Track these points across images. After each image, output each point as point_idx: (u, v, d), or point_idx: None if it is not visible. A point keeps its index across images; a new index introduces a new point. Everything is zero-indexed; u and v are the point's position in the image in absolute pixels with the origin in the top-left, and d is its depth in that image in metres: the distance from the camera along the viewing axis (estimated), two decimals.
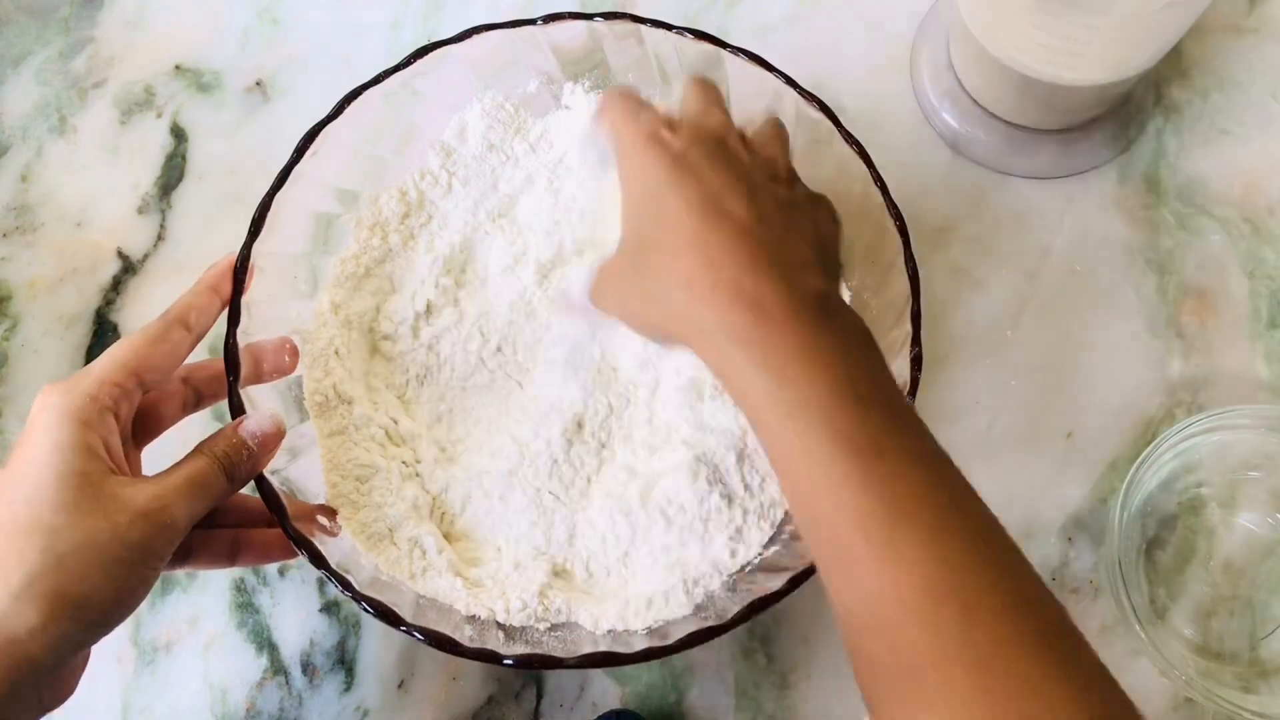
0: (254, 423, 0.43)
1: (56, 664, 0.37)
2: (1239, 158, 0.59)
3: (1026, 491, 0.54)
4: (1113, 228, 0.58)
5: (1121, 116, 0.59)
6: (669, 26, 0.49)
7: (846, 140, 0.48)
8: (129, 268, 0.60)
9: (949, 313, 0.56)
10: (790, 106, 0.50)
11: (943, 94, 0.60)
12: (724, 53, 0.49)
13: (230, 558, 0.44)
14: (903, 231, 0.47)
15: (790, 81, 0.49)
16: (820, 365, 0.34)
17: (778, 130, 0.43)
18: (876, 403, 0.34)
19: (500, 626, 0.46)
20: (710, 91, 0.42)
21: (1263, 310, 0.56)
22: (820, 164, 0.51)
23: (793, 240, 0.38)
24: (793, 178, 0.42)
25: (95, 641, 0.39)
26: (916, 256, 0.46)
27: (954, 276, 0.57)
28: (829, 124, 0.48)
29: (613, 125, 0.41)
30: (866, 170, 0.48)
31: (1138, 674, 0.51)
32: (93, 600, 0.37)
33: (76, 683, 0.41)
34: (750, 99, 0.51)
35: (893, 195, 0.47)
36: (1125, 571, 0.48)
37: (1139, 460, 0.50)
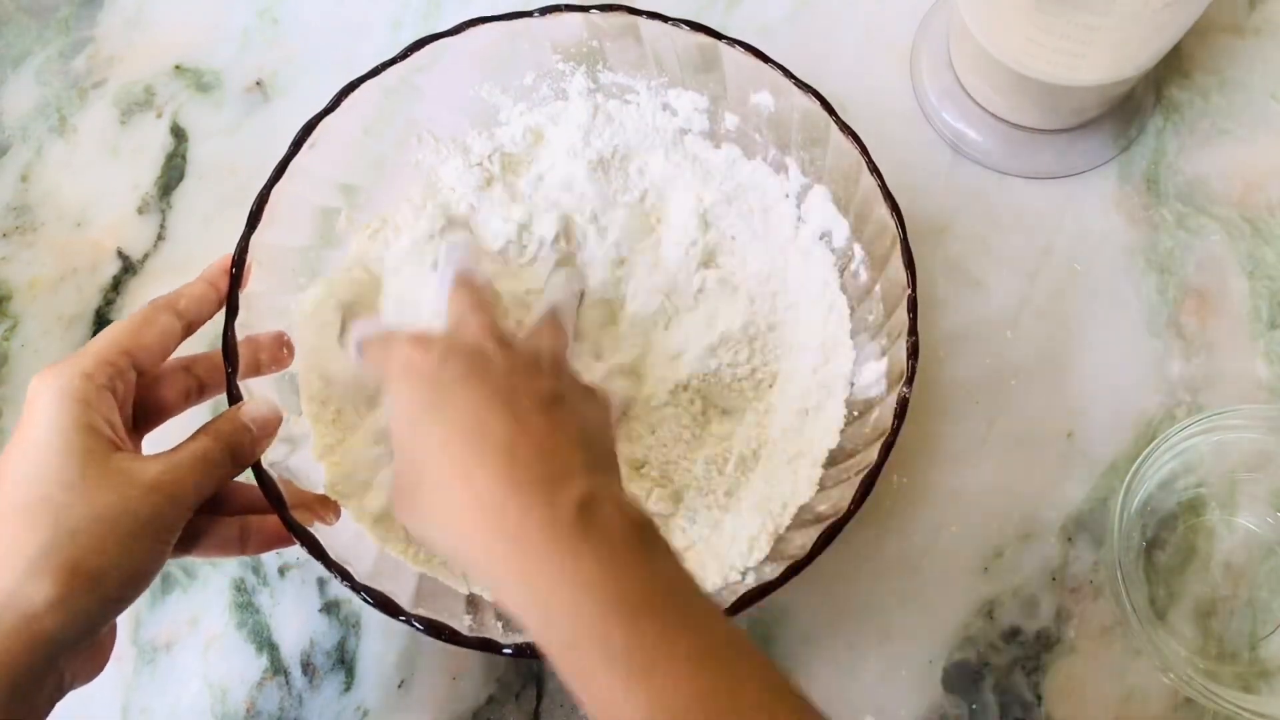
0: (252, 408, 0.43)
1: (74, 640, 0.37)
2: (1239, 158, 0.59)
3: (1026, 491, 0.54)
4: (1113, 228, 0.58)
5: (1121, 116, 0.59)
6: (665, 18, 0.49)
7: (841, 129, 0.48)
8: (129, 268, 0.60)
9: (949, 313, 0.56)
10: (787, 99, 0.50)
11: (943, 94, 0.60)
12: (721, 45, 0.49)
13: (239, 544, 0.44)
14: (899, 219, 0.47)
15: (786, 72, 0.49)
16: (583, 589, 0.34)
17: (551, 322, 0.43)
18: (648, 609, 0.34)
19: (500, 615, 0.46)
20: (471, 295, 0.42)
21: (1263, 310, 0.56)
22: (817, 155, 0.52)
23: (557, 442, 0.37)
24: (559, 369, 0.42)
25: (112, 618, 0.39)
26: (916, 256, 0.46)
27: (953, 276, 0.57)
28: (825, 114, 0.48)
29: (373, 360, 0.42)
30: (863, 159, 0.48)
31: (1138, 674, 0.50)
32: (107, 573, 0.37)
33: (105, 660, 0.41)
34: (747, 92, 0.51)
35: (891, 192, 0.47)
36: (1125, 571, 0.48)
37: (1139, 460, 0.50)
